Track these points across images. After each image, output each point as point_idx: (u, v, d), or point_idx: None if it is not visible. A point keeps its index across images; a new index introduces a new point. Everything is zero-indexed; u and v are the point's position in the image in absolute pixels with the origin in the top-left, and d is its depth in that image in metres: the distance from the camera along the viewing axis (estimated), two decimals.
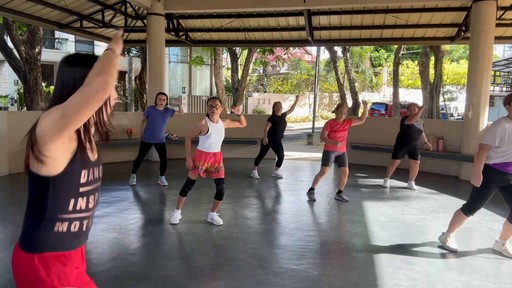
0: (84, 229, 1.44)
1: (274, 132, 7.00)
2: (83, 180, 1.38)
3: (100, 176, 1.51)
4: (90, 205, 1.44)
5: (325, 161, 5.44)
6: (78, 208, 1.39)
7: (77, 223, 1.40)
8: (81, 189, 1.39)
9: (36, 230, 1.34)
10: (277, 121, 7.02)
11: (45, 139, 1.23)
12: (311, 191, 5.68)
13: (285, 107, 7.28)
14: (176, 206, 4.50)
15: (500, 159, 3.46)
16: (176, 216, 4.46)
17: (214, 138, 4.15)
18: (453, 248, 3.75)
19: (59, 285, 1.35)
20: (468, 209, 3.69)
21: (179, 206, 4.48)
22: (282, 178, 7.26)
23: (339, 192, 5.67)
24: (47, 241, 1.35)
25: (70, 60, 1.38)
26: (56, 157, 1.29)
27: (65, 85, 1.34)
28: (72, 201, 1.37)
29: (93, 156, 1.44)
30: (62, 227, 1.36)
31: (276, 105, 7.10)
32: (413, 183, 6.52)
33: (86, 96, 1.18)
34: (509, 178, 3.49)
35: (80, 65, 1.35)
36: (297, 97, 7.30)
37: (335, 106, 5.51)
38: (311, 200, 5.60)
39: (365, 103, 5.59)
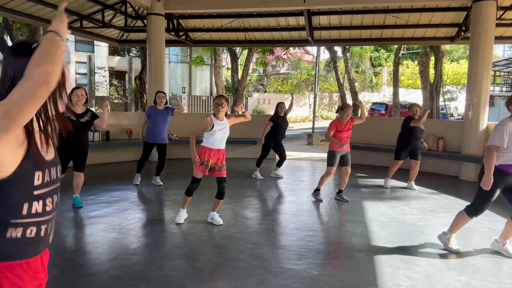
0: (42, 234, 1.31)
1: (276, 132, 7.02)
2: (37, 182, 1.25)
3: (59, 176, 1.38)
4: (48, 208, 1.31)
5: (330, 161, 5.43)
6: (33, 212, 1.26)
7: (34, 228, 1.27)
8: (36, 192, 1.26)
9: None
10: (279, 122, 7.04)
11: None
12: (316, 191, 5.65)
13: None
14: (182, 205, 4.50)
15: (504, 159, 3.44)
16: (182, 215, 4.47)
17: (218, 135, 4.20)
18: (455, 249, 3.73)
19: None
20: (473, 211, 3.66)
21: (184, 205, 4.48)
22: (282, 178, 7.27)
23: (339, 192, 5.67)
24: (0, 249, 1.23)
25: (17, 49, 1.22)
26: (2, 160, 1.13)
27: (13, 78, 1.17)
28: (26, 205, 1.24)
29: (49, 155, 1.31)
30: (16, 232, 1.23)
31: (280, 106, 7.10)
32: (413, 183, 6.52)
33: (26, 91, 1.03)
34: None
35: (30, 54, 1.13)
36: (291, 95, 7.95)
37: (340, 106, 5.55)
38: (317, 201, 5.56)
39: (360, 103, 6.00)
